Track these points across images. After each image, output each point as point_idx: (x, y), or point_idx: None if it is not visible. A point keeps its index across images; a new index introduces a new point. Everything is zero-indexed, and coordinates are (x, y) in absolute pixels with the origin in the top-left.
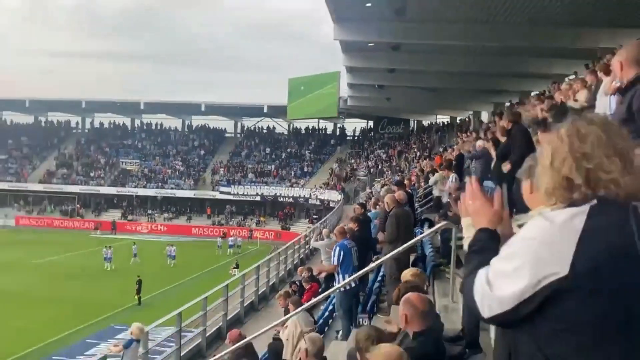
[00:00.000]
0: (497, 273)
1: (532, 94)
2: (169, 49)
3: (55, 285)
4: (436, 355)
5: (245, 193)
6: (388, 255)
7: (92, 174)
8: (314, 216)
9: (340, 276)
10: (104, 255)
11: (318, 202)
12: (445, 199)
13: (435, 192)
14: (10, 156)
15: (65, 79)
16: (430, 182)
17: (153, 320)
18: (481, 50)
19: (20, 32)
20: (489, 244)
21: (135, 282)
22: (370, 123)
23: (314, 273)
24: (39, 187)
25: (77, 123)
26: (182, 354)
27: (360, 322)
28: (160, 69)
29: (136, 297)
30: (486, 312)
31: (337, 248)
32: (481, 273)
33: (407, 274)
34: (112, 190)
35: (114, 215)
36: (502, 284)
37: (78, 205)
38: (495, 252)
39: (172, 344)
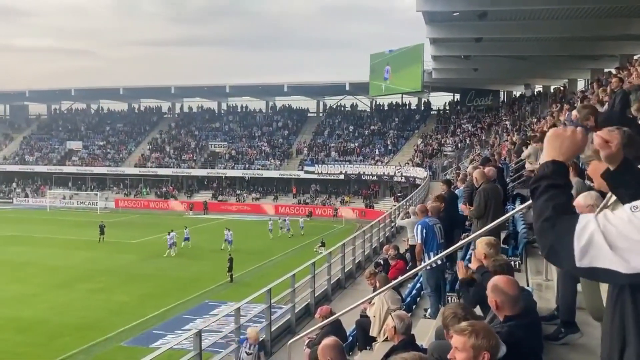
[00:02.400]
0: (621, 236)
1: (636, 57)
2: (253, 32)
3: (153, 263)
4: (529, 339)
5: (329, 172)
6: (477, 233)
7: (183, 157)
8: (399, 194)
9: (425, 254)
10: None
11: (403, 180)
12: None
13: (528, 167)
14: (108, 142)
15: (155, 66)
16: (523, 155)
17: (243, 297)
18: (576, 13)
19: (113, 24)
20: (558, 179)
21: (227, 260)
22: (457, 96)
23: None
24: (135, 171)
25: (168, 108)
26: (272, 329)
27: (449, 301)
28: (245, 53)
29: (228, 274)
30: (586, 262)
31: (419, 226)
32: (589, 224)
33: (482, 242)
34: (203, 172)
35: (205, 196)
36: (633, 254)
37: (171, 187)
38: (565, 189)
39: (262, 320)
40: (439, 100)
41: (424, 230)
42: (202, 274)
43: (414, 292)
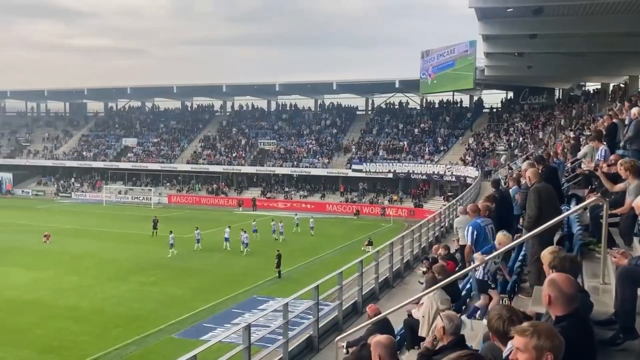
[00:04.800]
0: None
1: None
2: (303, 30)
3: (204, 257)
4: (580, 340)
5: (377, 170)
6: (530, 234)
7: (233, 154)
8: (449, 193)
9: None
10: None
11: (453, 179)
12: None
13: (584, 166)
14: (162, 139)
15: (208, 65)
16: (579, 155)
17: (290, 293)
18: (637, 7)
19: (168, 24)
20: None
21: (275, 256)
22: (510, 94)
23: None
24: (187, 168)
25: (219, 106)
26: (319, 326)
27: (500, 303)
28: (295, 51)
29: (276, 270)
30: None
31: (470, 227)
32: None
33: (546, 253)
34: (252, 170)
35: (254, 193)
36: None
37: (222, 184)
38: None
39: (309, 316)
40: (492, 98)
41: (475, 232)
42: (250, 270)
43: (464, 292)
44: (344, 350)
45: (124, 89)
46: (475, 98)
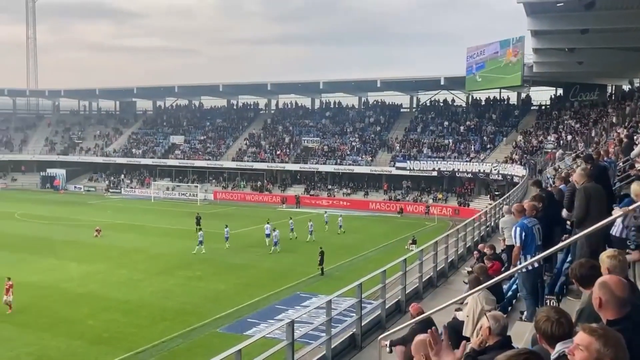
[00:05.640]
0: None
1: None
2: (348, 28)
3: (248, 253)
4: (633, 346)
5: (421, 168)
6: (578, 235)
7: (277, 152)
8: (496, 192)
9: (522, 256)
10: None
11: (500, 178)
12: None
13: (638, 166)
14: (208, 137)
15: (253, 63)
16: (632, 154)
17: (333, 291)
18: None
19: (216, 23)
20: None
21: (318, 253)
22: (560, 90)
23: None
24: (232, 165)
25: (264, 105)
26: (362, 324)
27: (547, 304)
28: (339, 49)
29: (319, 267)
30: None
31: (517, 228)
32: None
33: (604, 257)
34: (296, 167)
35: (297, 190)
36: None
37: (266, 181)
38: None
39: (352, 314)
40: (540, 95)
41: (523, 233)
42: (294, 266)
43: (510, 293)
44: (387, 349)
45: (171, 87)
46: (523, 95)
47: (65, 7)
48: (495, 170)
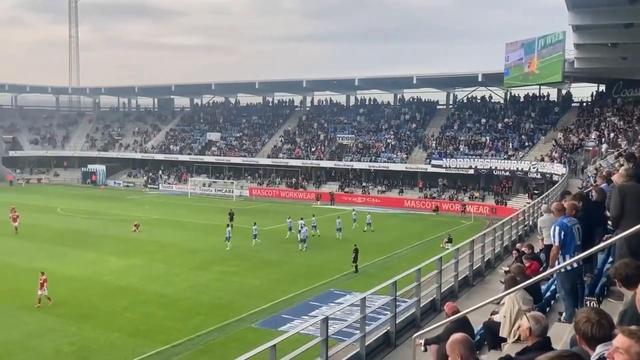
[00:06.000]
0: None
1: None
2: (384, 25)
3: (282, 249)
4: None
5: (457, 166)
6: (619, 236)
7: (312, 149)
8: (535, 191)
9: (561, 256)
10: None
11: (539, 176)
12: None
13: None
14: (244, 134)
15: (289, 60)
16: None
17: (367, 288)
18: None
19: (253, 21)
20: None
21: (352, 250)
22: (602, 87)
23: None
24: (268, 162)
25: (299, 101)
26: (396, 322)
27: (587, 305)
28: (374, 46)
29: (353, 265)
30: None
31: (557, 227)
32: None
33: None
34: (330, 164)
35: (332, 187)
36: None
37: (301, 178)
38: None
39: (386, 312)
40: (581, 91)
41: (562, 232)
42: (328, 263)
43: (548, 294)
44: (422, 348)
45: (208, 85)
46: (564, 92)
47: (106, 6)
48: (534, 168)
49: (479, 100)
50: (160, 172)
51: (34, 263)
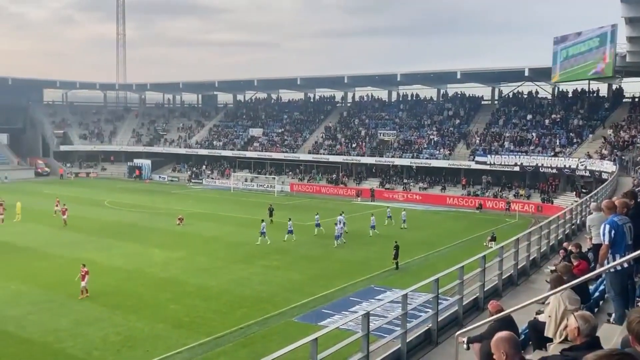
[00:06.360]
0: None
1: None
2: (427, 19)
3: (322, 244)
4: None
5: (502, 163)
6: None
7: (353, 145)
8: (583, 189)
9: (611, 256)
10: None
11: (587, 174)
12: None
13: None
14: (285, 130)
15: (331, 56)
16: None
17: (408, 285)
18: None
19: (295, 17)
20: None
21: (393, 247)
22: None
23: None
24: (309, 157)
25: (341, 97)
26: (438, 319)
27: (639, 306)
28: (417, 40)
29: (393, 261)
30: None
31: (607, 226)
32: None
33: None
34: (371, 160)
35: (372, 183)
36: None
37: (342, 174)
38: None
39: (427, 310)
40: (634, 86)
41: (612, 231)
42: (368, 259)
43: (597, 294)
44: (465, 346)
45: (251, 81)
46: (615, 87)
47: (152, 3)
48: (582, 165)
49: (525, 96)
50: (204, 167)
51: (83, 254)
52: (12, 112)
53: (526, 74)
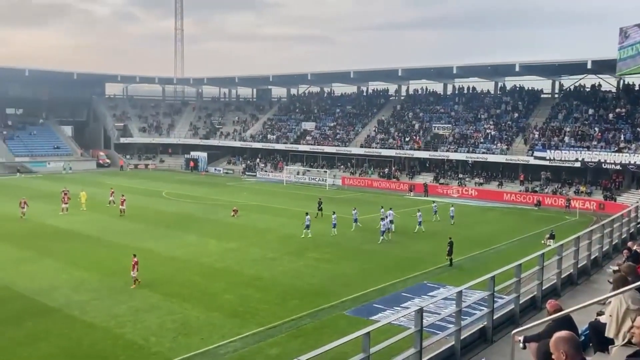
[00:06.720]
0: None
1: None
2: (484, 11)
3: (374, 239)
4: None
5: (562, 158)
6: None
7: (406, 139)
8: None
9: None
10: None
11: None
12: None
13: None
14: (338, 123)
15: (385, 49)
16: None
17: (462, 282)
18: None
19: (349, 10)
20: None
21: (447, 244)
22: None
23: None
24: (361, 151)
25: (394, 91)
26: (494, 317)
27: None
28: (475, 33)
29: (447, 258)
30: None
31: None
32: None
33: None
34: (425, 154)
35: (426, 178)
36: None
37: (394, 168)
38: None
39: (482, 308)
40: None
41: None
42: (421, 255)
43: None
44: (521, 345)
45: (304, 75)
46: None
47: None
48: None
49: (587, 89)
50: (258, 160)
51: (141, 243)
52: (77, 105)
53: (589, 66)
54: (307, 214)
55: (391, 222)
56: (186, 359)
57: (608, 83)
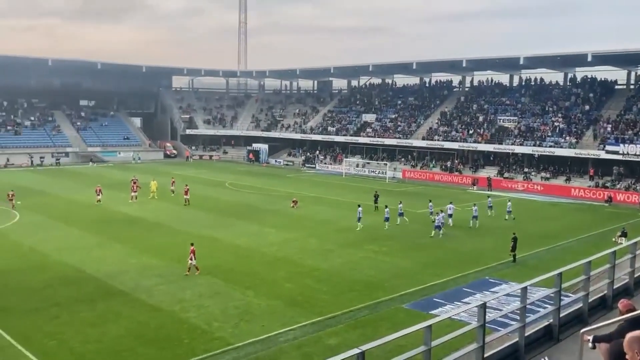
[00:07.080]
0: None
1: None
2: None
3: (427, 233)
4: None
5: (637, 153)
6: None
7: (470, 131)
8: None
9: None
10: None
11: None
12: None
13: None
14: (399, 115)
15: (450, 40)
16: None
17: (525, 279)
18: None
19: (413, 0)
20: None
21: (511, 239)
22: None
23: None
24: (422, 144)
25: (458, 82)
26: (560, 315)
27: None
28: (544, 22)
29: (511, 254)
30: None
31: None
32: None
33: None
34: (489, 148)
35: (489, 172)
36: None
37: (457, 161)
38: None
39: (546, 305)
40: None
41: None
42: (483, 250)
43: None
44: (590, 345)
45: (366, 66)
46: None
47: None
48: None
49: None
50: (317, 152)
51: (205, 231)
52: (145, 98)
53: None
54: (359, 205)
55: (450, 216)
56: (247, 344)
57: None
